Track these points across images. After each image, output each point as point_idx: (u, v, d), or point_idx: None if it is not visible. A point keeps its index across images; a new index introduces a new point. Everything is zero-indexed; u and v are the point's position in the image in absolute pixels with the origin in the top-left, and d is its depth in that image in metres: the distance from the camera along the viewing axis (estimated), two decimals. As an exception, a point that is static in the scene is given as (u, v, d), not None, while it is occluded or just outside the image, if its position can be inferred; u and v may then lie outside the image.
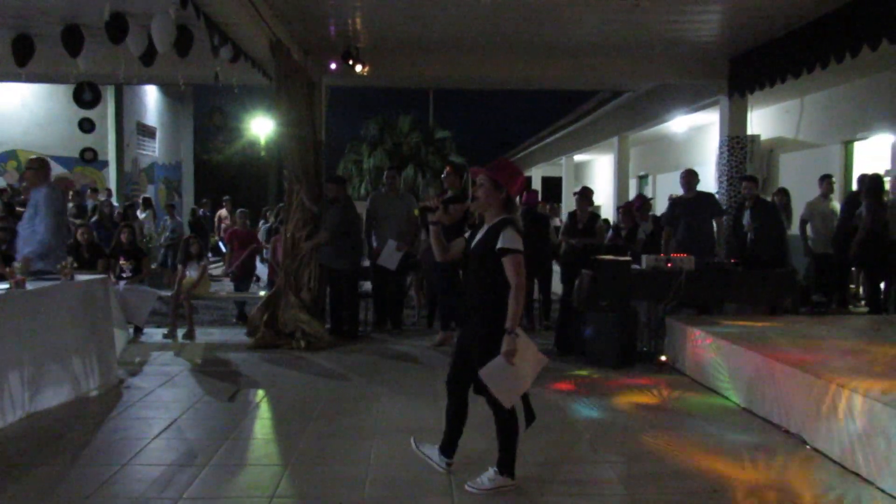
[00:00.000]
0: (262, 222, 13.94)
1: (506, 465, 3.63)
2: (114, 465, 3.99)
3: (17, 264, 5.27)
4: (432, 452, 3.89)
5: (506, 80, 10.15)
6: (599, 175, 22.26)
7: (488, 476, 3.63)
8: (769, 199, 9.07)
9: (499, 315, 3.44)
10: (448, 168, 7.46)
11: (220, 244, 14.36)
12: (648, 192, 17.11)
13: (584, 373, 6.38)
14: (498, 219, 3.53)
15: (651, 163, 17.45)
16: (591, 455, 4.29)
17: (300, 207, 7.84)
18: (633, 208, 8.73)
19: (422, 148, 26.71)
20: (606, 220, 11.51)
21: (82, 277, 5.87)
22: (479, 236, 3.62)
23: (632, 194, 16.56)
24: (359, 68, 8.61)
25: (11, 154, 15.21)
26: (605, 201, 20.56)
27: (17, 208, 10.20)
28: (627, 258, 7.09)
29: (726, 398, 5.47)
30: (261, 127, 25.31)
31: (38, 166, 6.48)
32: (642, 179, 18.28)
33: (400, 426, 4.74)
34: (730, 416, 5.08)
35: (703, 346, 5.99)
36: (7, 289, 4.93)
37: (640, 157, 17.46)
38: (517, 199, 3.70)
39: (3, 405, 4.64)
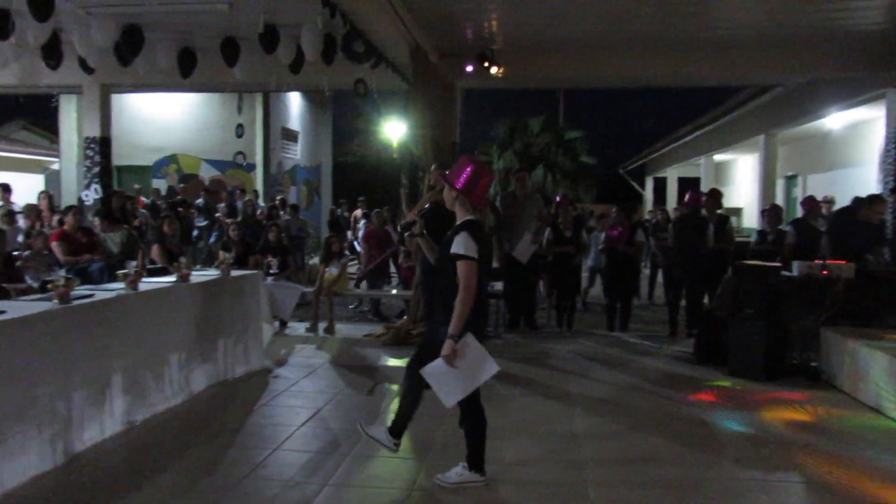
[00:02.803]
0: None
1: (474, 461, 3.68)
2: (266, 450, 4.25)
3: (183, 259, 5.73)
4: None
5: (645, 78, 9.77)
6: (741, 176, 21.04)
7: (456, 471, 3.70)
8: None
9: (450, 317, 3.46)
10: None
11: (356, 244, 14.91)
12: (797, 194, 15.96)
13: (727, 384, 6.07)
14: (459, 222, 3.60)
15: (801, 162, 16.26)
16: (736, 472, 4.07)
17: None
18: (806, 210, 8.21)
19: (552, 149, 26.39)
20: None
21: (236, 273, 6.31)
22: (447, 238, 3.67)
23: (779, 196, 15.53)
24: (493, 70, 8.65)
25: (172, 158, 16.58)
26: (747, 204, 19.39)
27: (179, 209, 11.12)
28: (777, 264, 6.67)
29: (891, 419, 5.01)
30: (393, 130, 26.05)
31: None
32: (790, 180, 17.05)
33: (534, 428, 4.72)
34: (893, 439, 4.65)
35: (864, 361, 5.50)
36: (174, 282, 5.39)
37: (789, 156, 16.30)
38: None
39: (167, 388, 5.06)
